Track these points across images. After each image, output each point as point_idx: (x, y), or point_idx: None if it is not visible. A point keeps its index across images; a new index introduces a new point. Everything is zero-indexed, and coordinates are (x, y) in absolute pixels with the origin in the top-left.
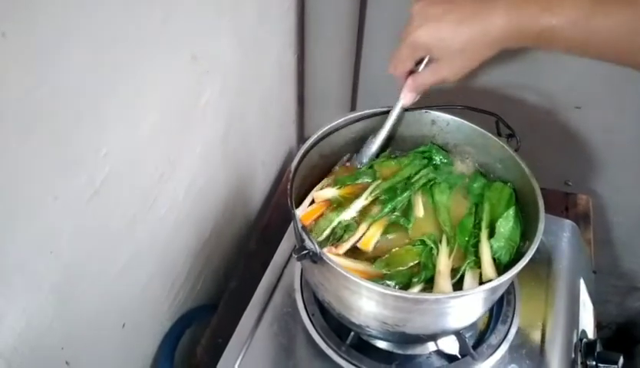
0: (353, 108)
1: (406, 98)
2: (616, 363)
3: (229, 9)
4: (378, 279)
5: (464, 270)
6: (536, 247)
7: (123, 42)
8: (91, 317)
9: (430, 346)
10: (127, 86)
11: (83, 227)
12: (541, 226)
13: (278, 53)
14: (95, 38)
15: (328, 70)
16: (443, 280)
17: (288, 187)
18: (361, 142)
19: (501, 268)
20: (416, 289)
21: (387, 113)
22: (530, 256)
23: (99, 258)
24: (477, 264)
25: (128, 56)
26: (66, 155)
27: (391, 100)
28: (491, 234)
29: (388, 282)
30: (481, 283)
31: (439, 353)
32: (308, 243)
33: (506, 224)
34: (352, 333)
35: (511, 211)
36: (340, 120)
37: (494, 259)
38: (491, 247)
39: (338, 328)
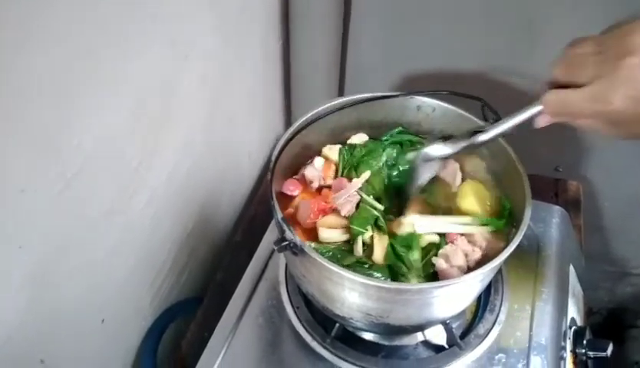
0: (341, 94)
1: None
2: (605, 350)
3: None
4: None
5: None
6: (522, 234)
7: (94, 27)
8: (68, 312)
9: (417, 337)
10: (100, 72)
11: (55, 220)
12: (527, 212)
13: (262, 39)
14: (63, 22)
15: (314, 56)
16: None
17: (269, 177)
18: (349, 129)
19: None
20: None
21: (371, 100)
22: (516, 244)
23: (74, 252)
24: None
25: (101, 41)
26: (32, 146)
27: (379, 85)
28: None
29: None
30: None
31: (426, 343)
32: (288, 234)
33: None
34: (337, 325)
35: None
36: (322, 108)
37: None
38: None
39: (323, 320)
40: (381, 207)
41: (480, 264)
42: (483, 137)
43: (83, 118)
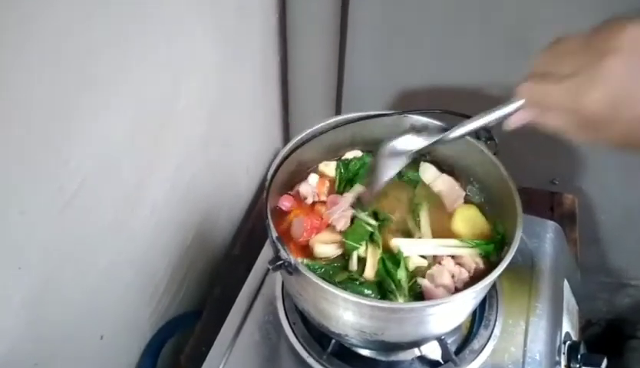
0: (338, 112)
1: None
2: (599, 365)
3: (207, 8)
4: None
5: None
6: (513, 252)
7: (89, 43)
8: (67, 330)
9: (414, 352)
10: (97, 88)
11: (55, 239)
12: (519, 231)
13: (260, 55)
14: (56, 39)
15: (312, 72)
16: None
17: (264, 196)
18: (344, 147)
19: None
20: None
21: (365, 118)
22: (508, 261)
23: (73, 269)
24: None
25: (97, 57)
26: (30, 168)
27: (377, 101)
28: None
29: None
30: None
31: (422, 358)
32: (282, 253)
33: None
34: (333, 341)
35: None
36: (317, 127)
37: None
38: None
39: (320, 336)
40: (374, 223)
41: (467, 285)
42: (455, 132)
43: (79, 138)
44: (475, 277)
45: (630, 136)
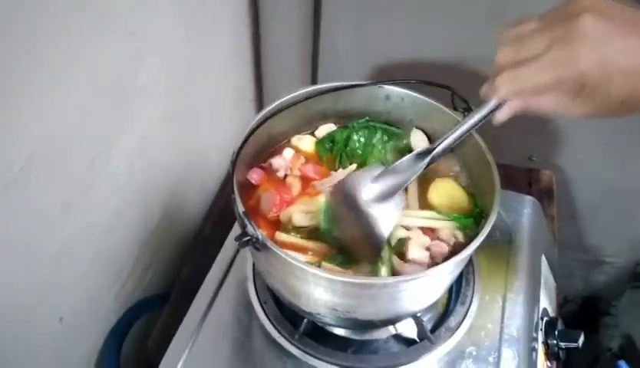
0: (314, 84)
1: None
2: (576, 341)
3: None
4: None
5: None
6: (489, 226)
7: (42, 10)
8: (20, 311)
9: (389, 331)
10: (49, 65)
11: (2, 217)
12: (496, 205)
13: (230, 28)
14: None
15: (286, 44)
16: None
17: (230, 169)
18: (318, 119)
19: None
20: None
21: (338, 89)
22: (484, 236)
23: (25, 250)
24: None
25: (50, 26)
26: None
27: (354, 74)
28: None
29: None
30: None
31: (397, 337)
32: (249, 229)
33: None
34: (305, 321)
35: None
36: (287, 98)
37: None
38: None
39: (292, 316)
40: None
41: (447, 259)
42: (439, 149)
43: (28, 109)
44: (455, 251)
45: (631, 94)
